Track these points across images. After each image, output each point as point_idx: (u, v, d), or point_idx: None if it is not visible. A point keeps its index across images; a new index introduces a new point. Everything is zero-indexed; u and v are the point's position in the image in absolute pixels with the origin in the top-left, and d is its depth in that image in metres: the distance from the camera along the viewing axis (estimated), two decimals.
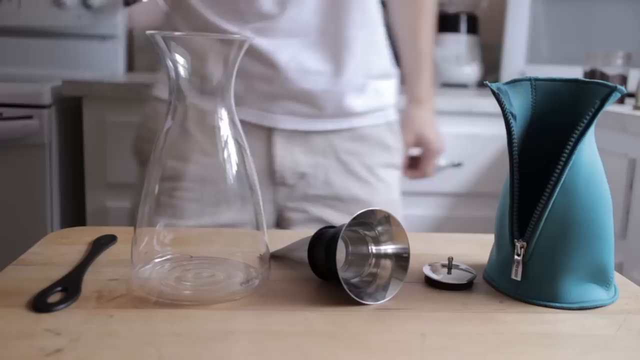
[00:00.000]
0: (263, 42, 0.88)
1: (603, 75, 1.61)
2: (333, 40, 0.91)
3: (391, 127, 1.01)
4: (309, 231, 0.94)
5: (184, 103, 0.57)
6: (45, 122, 1.50)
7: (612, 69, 1.61)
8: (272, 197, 0.95)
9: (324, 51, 0.91)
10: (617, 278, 0.63)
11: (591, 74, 1.63)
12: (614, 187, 0.64)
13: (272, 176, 0.93)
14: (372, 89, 0.96)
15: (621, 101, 1.57)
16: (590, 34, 1.89)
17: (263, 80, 0.90)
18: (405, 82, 1.12)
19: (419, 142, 1.11)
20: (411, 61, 1.10)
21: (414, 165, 1.15)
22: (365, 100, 0.95)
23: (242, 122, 0.92)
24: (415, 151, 1.14)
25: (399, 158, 1.04)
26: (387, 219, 0.57)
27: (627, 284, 0.63)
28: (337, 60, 0.91)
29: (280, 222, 0.98)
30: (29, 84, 1.52)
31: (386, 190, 1.00)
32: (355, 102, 0.94)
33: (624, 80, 1.61)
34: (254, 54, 0.88)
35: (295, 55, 0.89)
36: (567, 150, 0.54)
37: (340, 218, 0.94)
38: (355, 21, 0.91)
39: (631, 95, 1.51)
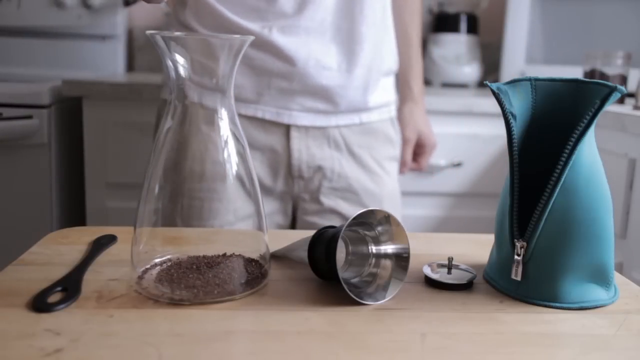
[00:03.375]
0: (284, 40, 0.91)
1: (603, 75, 1.61)
2: (346, 37, 0.95)
3: (393, 122, 1.08)
4: (319, 223, 0.97)
5: (183, 103, 0.57)
6: (45, 122, 1.50)
7: (612, 69, 1.60)
8: (290, 189, 0.99)
9: (338, 48, 0.95)
10: (617, 278, 0.63)
11: (591, 74, 1.62)
12: (614, 187, 0.64)
13: (290, 170, 0.98)
14: (380, 85, 1.01)
15: (621, 101, 1.56)
16: (590, 34, 1.89)
17: (282, 77, 0.93)
18: (399, 81, 1.17)
19: (419, 139, 1.18)
20: (405, 61, 1.16)
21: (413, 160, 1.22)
22: (375, 95, 1.00)
23: (261, 119, 0.95)
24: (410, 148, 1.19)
25: (398, 151, 1.10)
26: (387, 219, 0.57)
27: (627, 284, 0.63)
28: (350, 56, 0.95)
29: (296, 213, 1.03)
30: (29, 84, 1.52)
31: (391, 182, 1.06)
32: (366, 97, 0.99)
33: (624, 80, 1.61)
34: (275, 51, 0.92)
35: (313, 52, 0.93)
36: (567, 150, 0.54)
37: (351, 209, 1.00)
38: (367, 19, 0.95)
39: (631, 95, 1.51)
